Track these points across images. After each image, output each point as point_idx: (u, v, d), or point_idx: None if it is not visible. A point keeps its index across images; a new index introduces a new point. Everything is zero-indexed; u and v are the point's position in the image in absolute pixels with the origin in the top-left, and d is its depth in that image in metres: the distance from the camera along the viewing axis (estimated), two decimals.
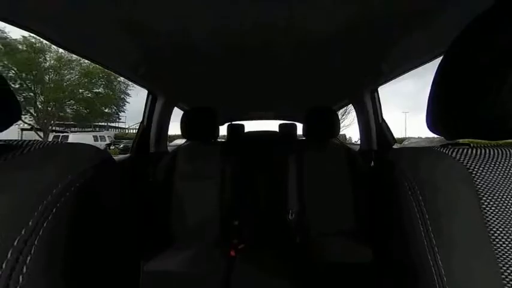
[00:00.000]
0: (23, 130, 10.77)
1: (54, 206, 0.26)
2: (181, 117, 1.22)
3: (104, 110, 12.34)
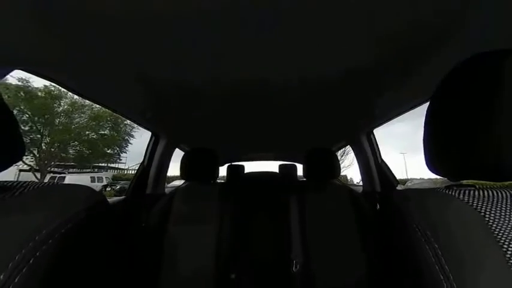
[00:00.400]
0: (21, 171, 10.68)
1: (32, 255, 0.23)
2: (182, 157, 1.23)
3: (106, 150, 12.47)
